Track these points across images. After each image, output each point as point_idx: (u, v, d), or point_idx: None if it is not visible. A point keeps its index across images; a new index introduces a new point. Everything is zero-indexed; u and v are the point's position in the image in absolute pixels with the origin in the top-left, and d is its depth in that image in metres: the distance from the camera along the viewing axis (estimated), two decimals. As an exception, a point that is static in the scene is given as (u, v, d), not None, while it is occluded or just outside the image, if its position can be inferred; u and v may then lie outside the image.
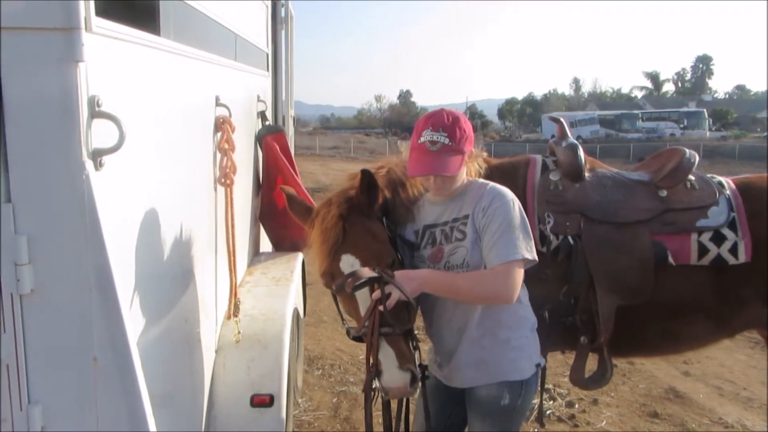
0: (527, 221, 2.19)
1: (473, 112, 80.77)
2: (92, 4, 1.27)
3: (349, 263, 2.17)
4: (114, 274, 1.32)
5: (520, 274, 2.12)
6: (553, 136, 3.08)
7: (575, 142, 2.90)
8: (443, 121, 2.18)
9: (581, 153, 2.86)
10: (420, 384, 2.23)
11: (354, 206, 2.23)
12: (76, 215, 1.29)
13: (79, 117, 1.26)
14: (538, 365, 2.30)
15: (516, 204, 2.18)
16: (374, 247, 2.19)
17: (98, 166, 1.34)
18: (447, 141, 2.14)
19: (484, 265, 2.16)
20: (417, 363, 2.18)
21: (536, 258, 2.14)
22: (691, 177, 2.90)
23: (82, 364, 1.31)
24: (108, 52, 1.40)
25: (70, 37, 1.21)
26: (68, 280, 1.31)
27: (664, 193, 2.83)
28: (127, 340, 1.33)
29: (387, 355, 2.10)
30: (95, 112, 1.32)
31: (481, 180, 2.33)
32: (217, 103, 2.53)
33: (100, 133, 1.34)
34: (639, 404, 4.90)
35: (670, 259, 2.71)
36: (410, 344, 2.18)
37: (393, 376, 2.09)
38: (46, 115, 1.26)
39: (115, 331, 1.32)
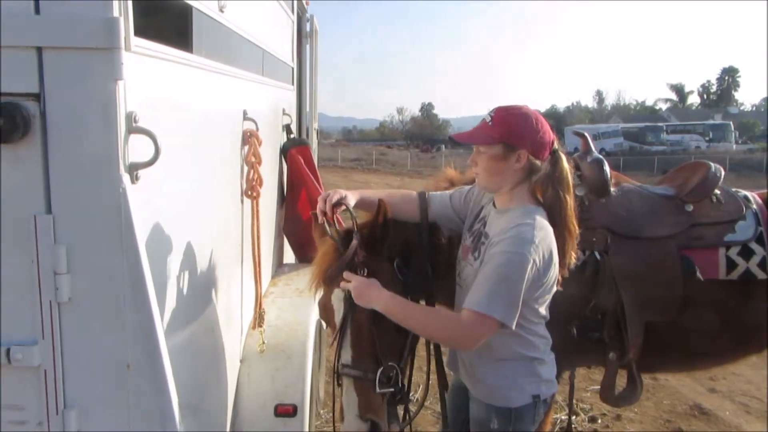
0: (524, 284, 1.95)
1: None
2: (131, 24, 1.32)
3: (338, 298, 2.16)
4: (148, 284, 1.36)
5: (486, 329, 1.96)
6: (576, 150, 3.08)
7: (600, 157, 2.90)
8: (505, 109, 2.11)
9: (606, 168, 2.85)
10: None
11: (364, 239, 2.17)
12: (113, 226, 1.33)
13: (117, 132, 1.31)
14: (536, 396, 2.15)
15: (527, 261, 1.94)
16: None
17: (134, 179, 1.39)
18: (489, 121, 2.08)
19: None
20: (394, 412, 2.15)
21: (511, 325, 1.96)
22: (717, 191, 2.88)
23: (117, 371, 1.35)
24: (145, 69, 1.45)
25: (111, 57, 1.26)
26: (104, 289, 1.35)
27: (690, 207, 2.82)
28: (160, 348, 1.37)
29: (349, 401, 2.09)
30: (132, 128, 1.36)
31: (530, 212, 2.07)
32: (245, 117, 2.58)
33: (137, 148, 1.39)
34: (663, 420, 4.84)
35: (698, 274, 2.70)
36: (389, 391, 2.13)
37: (350, 423, 2.08)
38: (86, 130, 1.31)
39: (148, 339, 1.35)
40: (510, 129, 2.05)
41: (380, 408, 2.11)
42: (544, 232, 2.02)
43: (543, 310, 2.14)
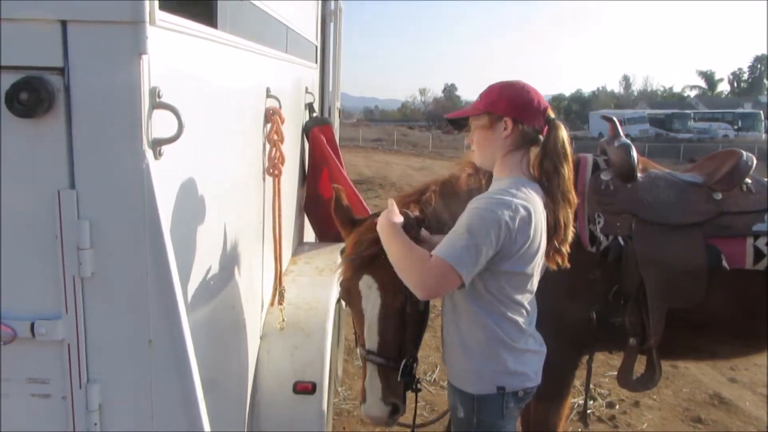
0: (490, 244, 1.89)
1: (518, 107, 79.34)
2: (157, -3, 1.31)
3: (367, 284, 2.20)
4: (170, 260, 1.36)
5: (444, 278, 1.90)
6: (600, 135, 3.04)
7: (628, 141, 2.85)
8: (495, 83, 2.13)
9: (634, 153, 2.81)
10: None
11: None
12: (136, 202, 1.33)
13: (141, 108, 1.30)
14: (501, 388, 2.07)
15: (498, 220, 1.88)
16: (397, 279, 2.08)
17: (158, 155, 1.38)
18: (478, 98, 2.12)
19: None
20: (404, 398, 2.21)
21: (463, 277, 1.89)
22: (748, 180, 2.82)
23: (139, 346, 1.36)
24: (169, 44, 1.44)
25: (136, 31, 1.25)
26: (127, 264, 1.35)
27: (719, 195, 2.77)
28: (182, 324, 1.37)
29: (373, 386, 2.17)
30: (156, 103, 1.35)
31: (519, 183, 2.02)
32: (268, 95, 2.57)
33: (160, 124, 1.38)
34: (682, 408, 4.80)
35: (724, 263, 2.65)
36: (406, 380, 2.20)
37: (373, 406, 2.17)
38: (110, 105, 1.30)
39: (170, 315, 1.36)
40: (491, 97, 2.06)
41: (401, 393, 2.19)
42: (528, 204, 1.96)
43: (518, 295, 2.04)
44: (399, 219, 2.10)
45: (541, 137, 2.06)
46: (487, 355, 2.07)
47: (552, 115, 2.09)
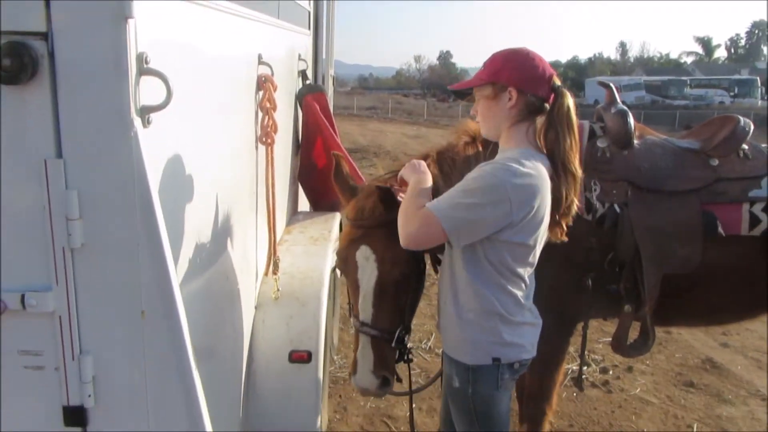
0: (487, 208, 1.87)
1: (514, 75, 78.79)
2: (142, -41, 1.26)
3: (364, 255, 2.18)
4: (161, 230, 1.34)
5: (431, 232, 1.89)
6: (596, 102, 3.01)
7: (625, 108, 2.82)
8: (498, 52, 2.07)
9: (631, 120, 2.78)
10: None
11: (395, 201, 2.15)
12: (126, 171, 1.30)
13: (128, 74, 1.26)
14: (497, 359, 2.06)
15: (499, 186, 1.86)
16: (394, 252, 2.11)
17: (146, 123, 1.35)
18: (482, 67, 2.08)
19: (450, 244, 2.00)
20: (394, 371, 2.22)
21: (447, 233, 1.89)
22: (745, 146, 2.81)
23: (132, 317, 1.35)
24: (156, 8, 1.40)
25: (121, -7, 1.21)
26: (117, 235, 1.33)
27: (715, 161, 2.75)
28: (174, 295, 1.35)
29: (365, 358, 2.17)
30: (143, 69, 1.32)
31: (526, 154, 1.97)
32: (260, 61, 2.52)
33: (148, 91, 1.35)
34: (674, 373, 4.86)
35: (720, 230, 2.65)
36: (398, 351, 2.21)
37: (364, 378, 2.17)
38: (96, 71, 1.26)
39: (162, 286, 1.34)
40: (495, 66, 2.01)
41: (392, 366, 2.20)
42: (534, 174, 1.92)
43: (518, 267, 2.02)
44: (428, 183, 2.09)
45: (547, 105, 2.01)
46: (483, 326, 2.06)
47: (558, 82, 2.03)
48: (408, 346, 2.27)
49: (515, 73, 1.98)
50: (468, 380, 2.10)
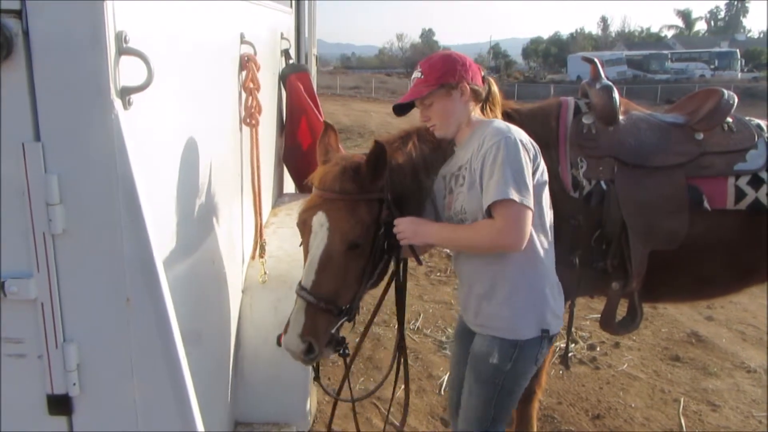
0: (525, 163, 2.02)
1: (497, 52, 78.96)
2: (117, -66, 1.22)
3: (319, 222, 2.18)
4: (144, 215, 1.31)
5: (520, 215, 1.98)
6: (579, 78, 2.99)
7: (610, 83, 2.80)
8: (426, 60, 2.24)
9: (616, 95, 2.76)
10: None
11: (359, 175, 2.18)
12: (106, 154, 1.27)
13: (106, 53, 1.22)
14: (546, 331, 2.15)
15: (514, 142, 2.03)
16: (348, 222, 2.14)
17: (127, 105, 1.32)
18: (420, 76, 2.19)
19: (483, 212, 2.07)
20: (331, 344, 2.23)
21: (530, 204, 1.98)
22: (729, 119, 2.80)
23: (116, 304, 1.32)
24: (133, -15, 1.35)
25: (96, -31, 1.16)
26: (99, 220, 1.30)
27: (700, 135, 2.74)
28: (159, 281, 1.33)
29: (296, 321, 2.16)
30: (123, 49, 1.28)
31: (490, 120, 2.20)
32: (242, 41, 2.47)
33: (128, 71, 1.31)
34: (661, 348, 4.91)
35: (706, 204, 2.65)
36: (334, 325, 2.21)
37: (290, 340, 2.16)
38: (73, 51, 1.22)
39: (147, 272, 1.31)
40: (441, 70, 2.17)
41: (322, 334, 2.18)
42: (515, 128, 2.13)
43: (546, 217, 2.17)
44: (423, 225, 2.18)
45: (483, 93, 2.25)
46: (535, 298, 2.16)
47: (484, 71, 2.29)
48: (346, 342, 2.30)
49: (459, 70, 2.17)
50: (511, 357, 2.16)
